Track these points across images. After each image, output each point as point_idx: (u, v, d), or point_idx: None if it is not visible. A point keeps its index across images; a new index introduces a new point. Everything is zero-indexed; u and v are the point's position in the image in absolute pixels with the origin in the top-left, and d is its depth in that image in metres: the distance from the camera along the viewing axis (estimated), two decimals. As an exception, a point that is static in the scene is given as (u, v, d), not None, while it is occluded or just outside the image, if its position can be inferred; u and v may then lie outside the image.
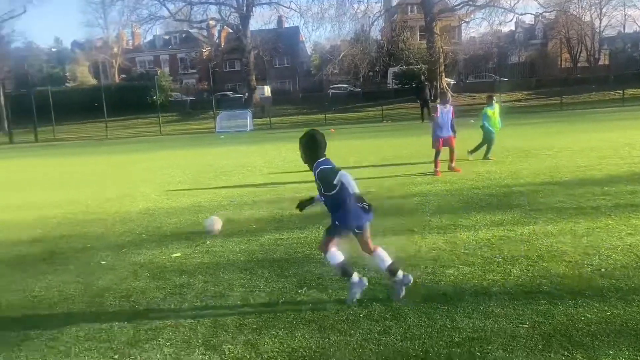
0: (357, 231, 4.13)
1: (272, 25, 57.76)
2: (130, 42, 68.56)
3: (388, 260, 4.14)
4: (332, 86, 53.19)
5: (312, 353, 3.39)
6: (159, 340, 3.70)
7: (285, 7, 48.55)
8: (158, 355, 3.49)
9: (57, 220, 8.03)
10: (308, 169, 4.15)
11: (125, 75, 59.34)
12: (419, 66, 45.00)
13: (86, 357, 3.53)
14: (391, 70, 49.59)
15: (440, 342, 3.38)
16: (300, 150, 4.16)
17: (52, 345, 3.74)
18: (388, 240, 5.26)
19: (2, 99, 39.72)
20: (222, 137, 25.91)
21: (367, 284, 4.16)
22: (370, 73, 51.82)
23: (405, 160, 12.57)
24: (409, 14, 56.96)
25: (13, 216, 8.43)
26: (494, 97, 12.46)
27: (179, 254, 5.79)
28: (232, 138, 25.21)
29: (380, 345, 3.42)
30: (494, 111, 11.83)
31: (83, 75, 57.74)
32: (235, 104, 43.28)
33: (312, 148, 4.11)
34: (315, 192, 4.22)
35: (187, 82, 61.20)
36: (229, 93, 52.93)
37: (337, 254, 4.12)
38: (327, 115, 33.73)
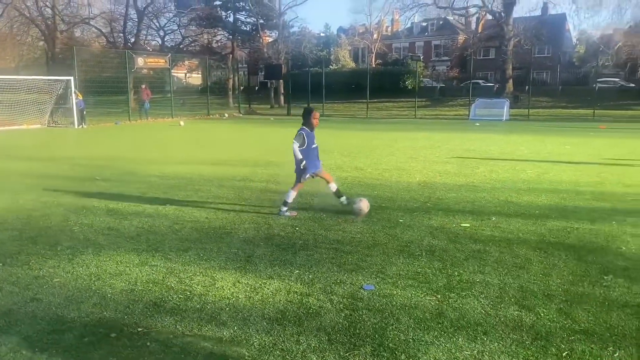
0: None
1: (537, 13, 54.47)
2: (389, 29, 71.90)
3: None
4: (599, 80, 47.58)
5: (632, 333, 3.46)
6: (473, 291, 4.19)
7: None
8: (475, 302, 3.98)
9: (349, 181, 9.29)
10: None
11: (380, 61, 62.70)
12: None
13: (412, 291, 4.21)
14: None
15: None
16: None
17: (381, 276, 4.55)
18: None
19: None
20: (477, 124, 25.69)
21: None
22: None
23: None
24: None
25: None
26: None
27: (467, 225, 6.24)
28: (488, 126, 24.81)
29: None
30: None
31: (344, 58, 62.82)
32: (485, 92, 42.14)
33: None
34: None
35: (438, 69, 61.83)
36: (480, 81, 51.71)
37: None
38: (595, 110, 30.73)
